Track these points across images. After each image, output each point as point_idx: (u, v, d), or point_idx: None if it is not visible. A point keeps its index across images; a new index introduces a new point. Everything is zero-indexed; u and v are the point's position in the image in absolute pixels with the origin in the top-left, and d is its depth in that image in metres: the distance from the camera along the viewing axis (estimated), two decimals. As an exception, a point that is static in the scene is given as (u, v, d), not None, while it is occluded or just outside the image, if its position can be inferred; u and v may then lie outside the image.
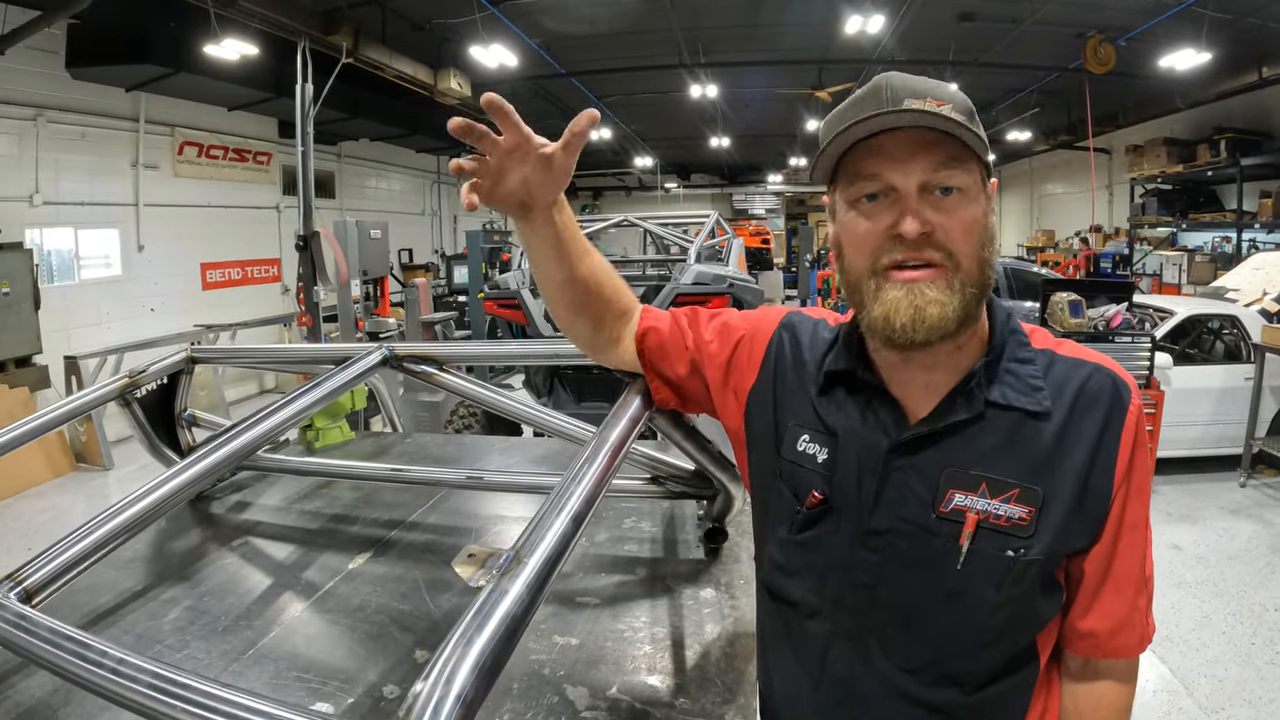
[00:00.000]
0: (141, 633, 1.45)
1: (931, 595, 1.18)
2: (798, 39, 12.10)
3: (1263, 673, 4.49)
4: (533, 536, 0.93)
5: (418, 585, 1.60)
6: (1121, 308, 7.41)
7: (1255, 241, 12.85)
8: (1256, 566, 5.83)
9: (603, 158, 23.64)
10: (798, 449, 1.30)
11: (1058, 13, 10.32)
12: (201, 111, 11.49)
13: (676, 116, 18.19)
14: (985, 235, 1.15)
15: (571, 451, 2.17)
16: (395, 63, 10.57)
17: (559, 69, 13.20)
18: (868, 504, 1.21)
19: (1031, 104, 14.74)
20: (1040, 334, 1.27)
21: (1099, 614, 1.21)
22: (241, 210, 12.50)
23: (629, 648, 1.41)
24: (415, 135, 15.81)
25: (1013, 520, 1.14)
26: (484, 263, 12.58)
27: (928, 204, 1.11)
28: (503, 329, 7.84)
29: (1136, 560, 1.21)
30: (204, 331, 10.48)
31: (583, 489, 1.06)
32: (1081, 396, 1.18)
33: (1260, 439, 7.33)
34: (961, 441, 1.18)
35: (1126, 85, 12.92)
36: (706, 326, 1.44)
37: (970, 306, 1.14)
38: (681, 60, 12.82)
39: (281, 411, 1.57)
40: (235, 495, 2.13)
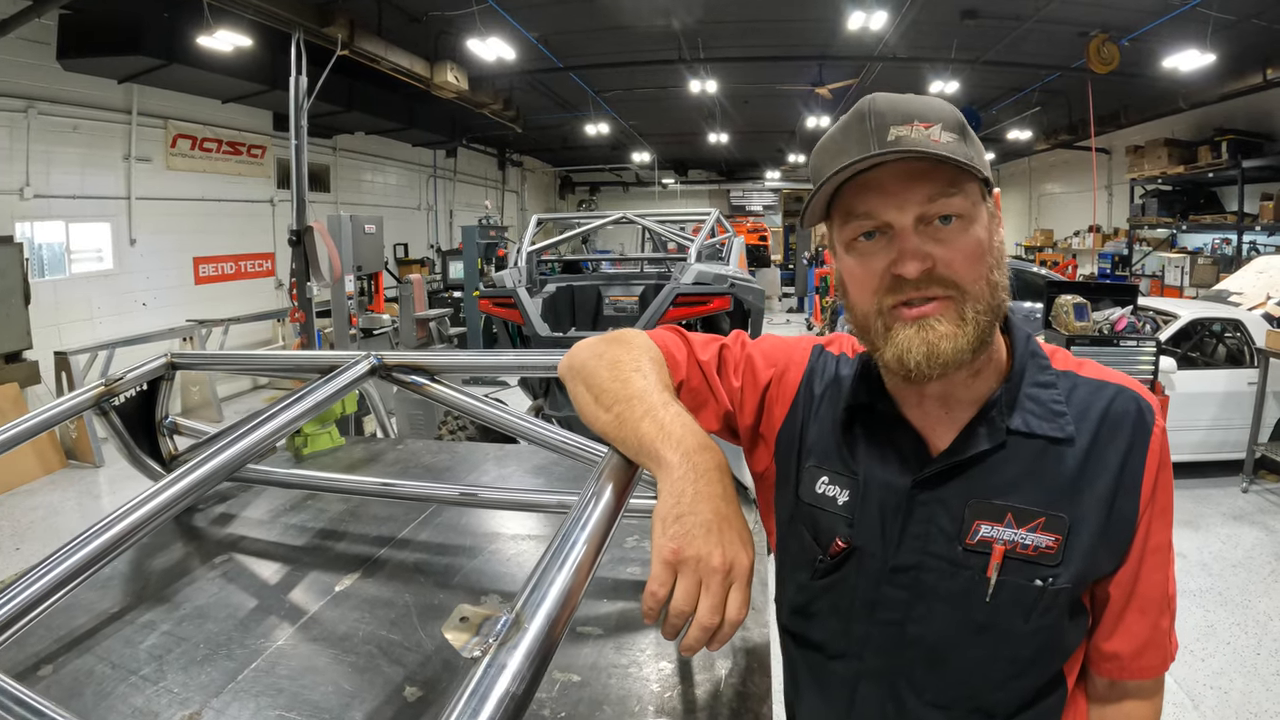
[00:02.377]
0: (117, 661, 1.36)
1: (961, 629, 1.16)
2: (799, 35, 12.02)
3: (1269, 684, 4.44)
4: (533, 595, 0.82)
5: (408, 611, 1.51)
6: (1126, 311, 7.39)
7: (1255, 244, 12.86)
8: (1261, 574, 5.80)
9: (600, 153, 23.59)
10: (817, 491, 1.26)
11: (1061, 11, 10.24)
12: (195, 104, 11.37)
13: (675, 112, 18.13)
14: (993, 257, 1.11)
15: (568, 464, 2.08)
16: (391, 55, 10.48)
17: (557, 63, 13.13)
18: (892, 541, 1.18)
19: (1033, 103, 14.69)
20: (1061, 354, 1.24)
21: (1123, 636, 1.21)
22: (235, 204, 12.37)
23: (634, 685, 1.31)
24: (412, 129, 15.76)
25: (1040, 549, 1.12)
26: (480, 258, 12.52)
27: (927, 236, 1.08)
28: (498, 327, 7.76)
29: (1160, 582, 1.20)
30: (196, 327, 10.41)
31: (588, 534, 0.95)
32: (1106, 420, 1.15)
33: (1263, 444, 7.33)
34: (985, 472, 1.15)
35: (1129, 85, 12.90)
36: (732, 370, 1.36)
37: (985, 333, 1.11)
38: (681, 55, 12.73)
39: (268, 424, 1.49)
40: (219, 507, 2.03)
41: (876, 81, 14.02)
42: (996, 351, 1.18)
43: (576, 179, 29.44)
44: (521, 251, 7.62)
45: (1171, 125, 14.51)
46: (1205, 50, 10.45)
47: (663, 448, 1.04)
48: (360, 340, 8.41)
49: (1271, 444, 7.39)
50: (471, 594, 1.59)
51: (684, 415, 1.10)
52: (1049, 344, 1.26)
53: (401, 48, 10.77)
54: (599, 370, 1.21)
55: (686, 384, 1.30)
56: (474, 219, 14.18)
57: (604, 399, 1.17)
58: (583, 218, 10.61)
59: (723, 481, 1.01)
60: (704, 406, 1.32)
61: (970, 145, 1.09)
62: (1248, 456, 7.41)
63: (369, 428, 6.76)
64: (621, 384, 1.17)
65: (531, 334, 6.91)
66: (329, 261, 8.00)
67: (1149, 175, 15.00)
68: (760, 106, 17.59)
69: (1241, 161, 12.55)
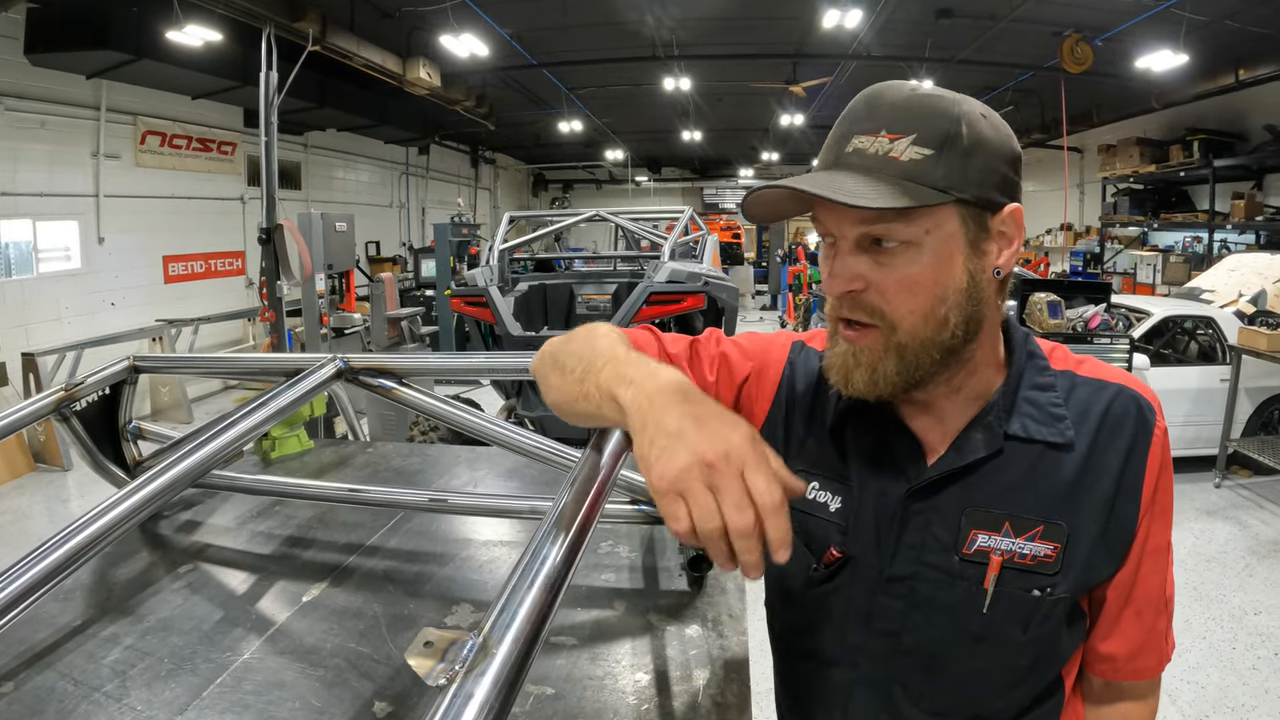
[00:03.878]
0: (80, 677, 1.31)
1: (958, 639, 1.14)
2: (774, 32, 12.05)
3: (1245, 678, 4.49)
4: (501, 616, 0.78)
5: (377, 622, 1.47)
6: (1100, 309, 7.46)
7: (1226, 242, 13.03)
8: (1235, 569, 5.86)
9: (574, 150, 23.55)
10: (807, 497, 1.21)
11: (1036, 11, 10.31)
12: (164, 100, 11.25)
13: (649, 109, 18.12)
14: (946, 291, 1.04)
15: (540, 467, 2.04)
16: (363, 51, 10.40)
17: (530, 60, 13.08)
18: (888, 550, 1.15)
19: (1006, 101, 14.74)
20: (1060, 353, 1.20)
21: (1120, 638, 1.20)
22: (205, 201, 12.24)
23: (610, 697, 1.28)
24: (384, 125, 15.70)
25: (1038, 558, 1.09)
26: (452, 256, 12.46)
27: (868, 257, 1.04)
28: (470, 326, 7.72)
29: (1158, 584, 1.18)
30: (165, 326, 10.29)
31: (559, 548, 0.91)
32: (1106, 422, 1.12)
33: (1236, 440, 7.42)
34: (981, 479, 1.11)
35: (1101, 85, 13.03)
36: (706, 364, 1.30)
37: (919, 368, 1.06)
38: (655, 53, 12.70)
39: (233, 429, 1.44)
40: (185, 514, 1.97)
41: (851, 80, 14.08)
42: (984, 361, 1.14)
43: (550, 176, 29.39)
44: (494, 250, 7.59)
45: (1144, 125, 14.65)
46: (1178, 51, 10.53)
47: (619, 389, 0.96)
48: (331, 340, 8.33)
49: (1244, 440, 7.48)
50: (442, 603, 1.55)
51: (646, 359, 1.02)
52: (1048, 341, 1.22)
53: (374, 43, 10.69)
54: (566, 348, 1.16)
55: None
56: (446, 217, 14.06)
57: (570, 365, 1.10)
58: (556, 215, 10.57)
59: (682, 390, 0.91)
60: None
61: (950, 159, 1.01)
62: (1220, 452, 7.50)
63: (340, 429, 6.70)
64: (589, 348, 1.10)
65: (504, 333, 6.87)
66: (299, 260, 7.91)
67: (1121, 174, 15.16)
68: (734, 104, 17.61)
69: (1213, 161, 12.70)
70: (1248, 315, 8.07)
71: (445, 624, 1.47)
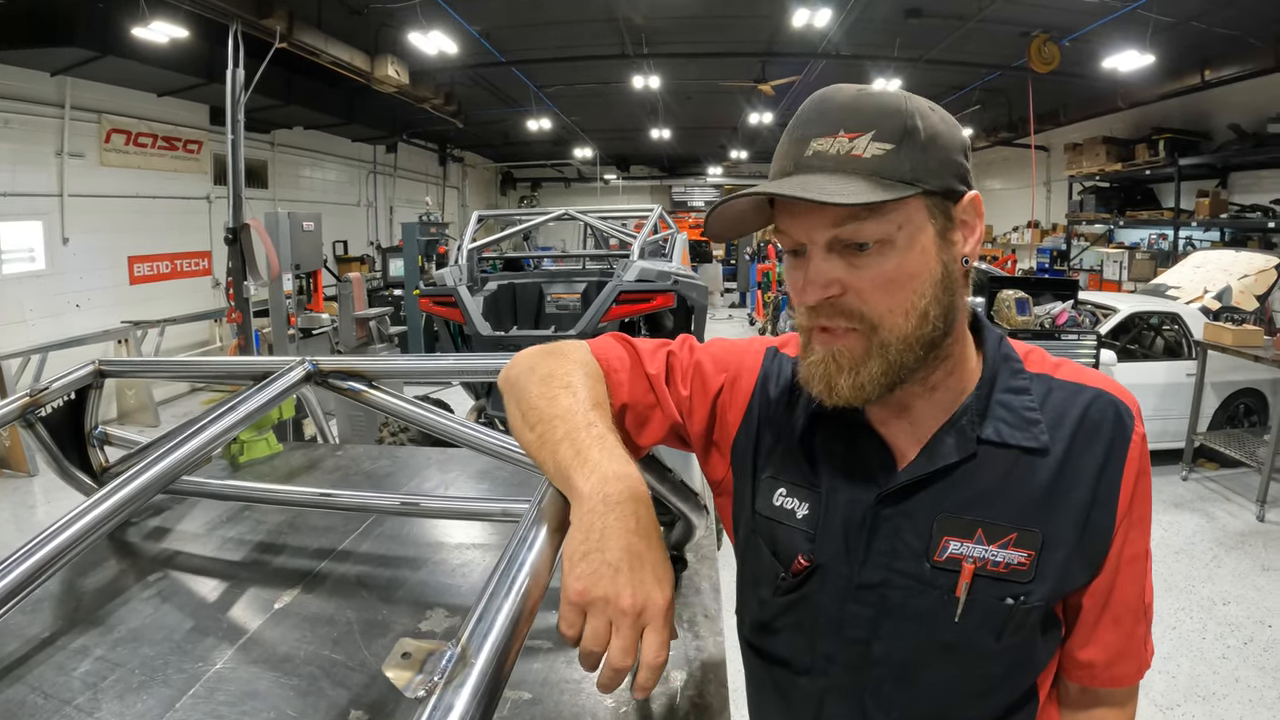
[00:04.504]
0: (50, 690, 1.29)
1: (929, 648, 1.10)
2: (743, 31, 12.07)
3: (1215, 667, 4.55)
4: (479, 625, 0.77)
5: (351, 628, 1.45)
6: (1067, 305, 7.52)
7: (1191, 239, 13.21)
8: (1203, 560, 5.94)
9: (542, 149, 23.50)
10: (774, 504, 1.20)
11: (1004, 11, 10.40)
12: (130, 97, 11.10)
13: (617, 108, 18.12)
14: (924, 284, 1.03)
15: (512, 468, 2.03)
16: (331, 48, 10.31)
17: (499, 57, 13.02)
18: (857, 558, 1.12)
19: (973, 100, 14.88)
20: (1036, 355, 1.18)
21: (1097, 645, 1.16)
22: (171, 201, 12.08)
23: (588, 700, 1.28)
24: (351, 123, 15.59)
25: (1011, 566, 1.06)
26: (420, 255, 12.39)
27: (842, 261, 1.01)
28: (439, 326, 7.67)
29: (1136, 591, 1.15)
30: (131, 328, 10.13)
31: (535, 555, 0.90)
32: (1082, 427, 1.09)
33: (1202, 434, 7.54)
34: (953, 484, 1.09)
35: (1068, 84, 13.17)
36: (680, 378, 1.28)
37: (903, 367, 1.05)
38: (624, 51, 12.69)
39: (201, 434, 1.43)
40: (153, 520, 1.95)
41: (820, 78, 14.09)
42: (960, 360, 1.13)
43: (518, 175, 29.29)
44: (462, 249, 7.54)
45: (1110, 124, 14.81)
46: (1145, 51, 10.65)
47: (575, 474, 0.96)
48: (299, 340, 8.25)
49: (1210, 433, 7.60)
50: (416, 608, 1.54)
51: (607, 438, 1.02)
52: (1024, 344, 1.20)
53: (341, 40, 10.59)
54: (530, 386, 1.14)
55: (630, 403, 1.23)
56: (414, 215, 13.99)
57: (530, 417, 1.10)
58: (524, 214, 10.52)
59: (637, 514, 0.93)
60: (649, 421, 1.25)
61: (910, 152, 1.00)
62: (1187, 446, 7.61)
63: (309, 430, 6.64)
64: (548, 402, 1.09)
65: (473, 333, 6.83)
66: (266, 260, 7.83)
67: (1087, 172, 15.31)
68: (703, 103, 17.62)
69: (1178, 159, 12.86)
70: (1213, 311, 8.20)
71: (420, 629, 1.46)
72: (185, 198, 12.42)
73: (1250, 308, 8.38)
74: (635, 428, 1.24)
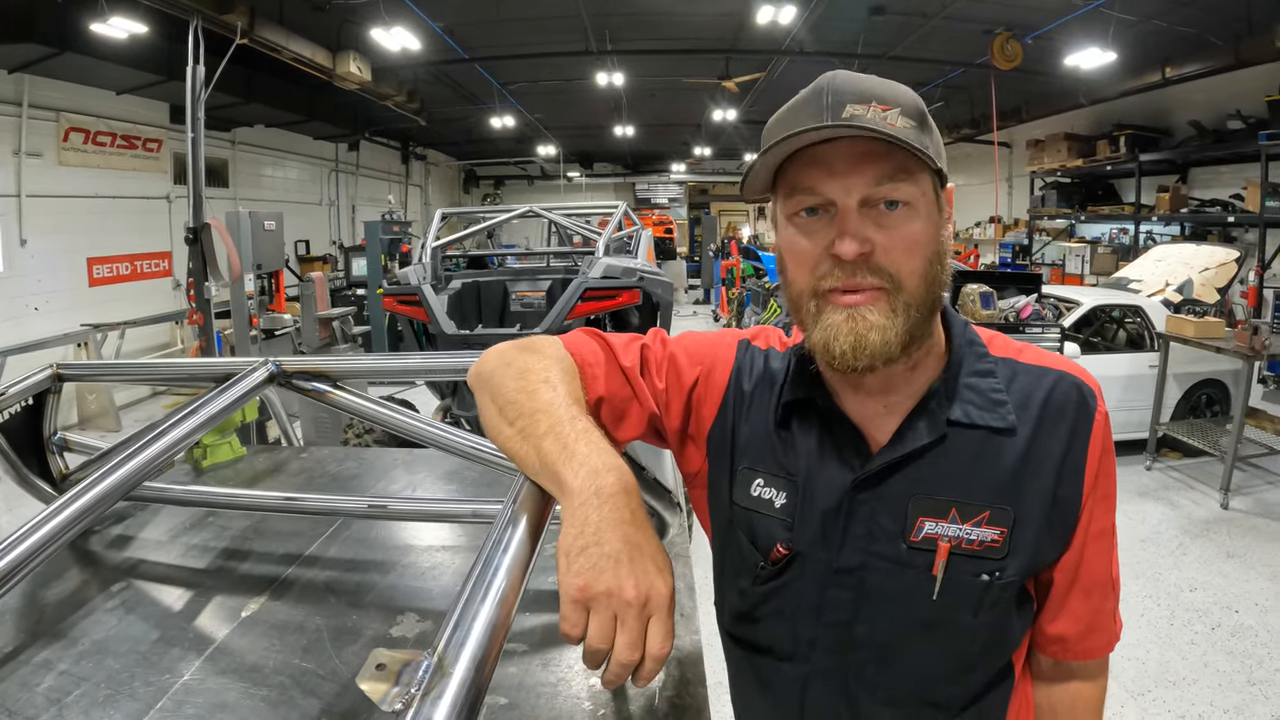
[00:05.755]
0: (14, 707, 1.24)
1: (909, 627, 1.15)
2: (707, 28, 12.09)
3: (1184, 653, 4.62)
4: (455, 633, 0.75)
5: (320, 636, 1.42)
6: (1031, 299, 7.61)
7: (1152, 233, 13.38)
8: (1169, 548, 6.04)
9: (506, 146, 23.43)
10: (752, 494, 1.22)
11: (967, 9, 10.50)
12: (88, 95, 10.88)
13: (581, 105, 18.09)
14: (934, 251, 1.08)
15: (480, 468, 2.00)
16: (292, 44, 10.19)
17: (462, 54, 12.94)
18: (835, 543, 1.15)
19: (936, 97, 14.96)
20: (999, 341, 1.21)
21: (1067, 619, 1.21)
22: (130, 201, 11.83)
23: (565, 704, 1.26)
24: (313, 121, 15.45)
25: (985, 543, 1.11)
26: (383, 254, 12.30)
27: (869, 220, 1.04)
28: (403, 326, 7.62)
29: (1104, 566, 1.21)
30: (91, 331, 9.94)
31: (509, 560, 0.88)
32: (1048, 408, 1.14)
33: (1165, 424, 7.68)
34: (926, 466, 1.12)
35: (1031, 81, 13.33)
36: (655, 371, 1.28)
37: (916, 328, 1.07)
38: (588, 47, 12.67)
39: (163, 439, 1.40)
40: (115, 528, 1.90)
41: (784, 76, 14.17)
42: (935, 342, 1.16)
43: (481, 172, 29.15)
44: (426, 247, 7.51)
45: (1071, 120, 14.98)
46: (1106, 49, 10.78)
47: (564, 469, 0.95)
48: (262, 341, 8.15)
49: (1173, 424, 7.73)
50: (386, 613, 1.51)
51: (591, 432, 1.02)
52: (987, 330, 1.24)
53: (303, 36, 10.48)
54: (506, 380, 1.13)
55: (607, 397, 1.22)
56: (377, 214, 13.86)
57: (508, 412, 1.08)
58: (488, 212, 10.47)
59: (630, 505, 0.93)
60: (626, 415, 1.25)
61: (928, 135, 1.05)
62: (1150, 436, 7.72)
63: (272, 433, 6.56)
64: (527, 396, 1.08)
65: (437, 332, 6.80)
66: (228, 260, 7.73)
67: (1049, 168, 15.51)
68: (667, 100, 17.64)
69: (1139, 155, 13.06)
70: (1175, 304, 8.34)
71: (391, 635, 1.44)
72: (145, 197, 12.18)
73: (1211, 300, 8.53)
74: (612, 422, 1.23)
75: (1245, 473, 7.41)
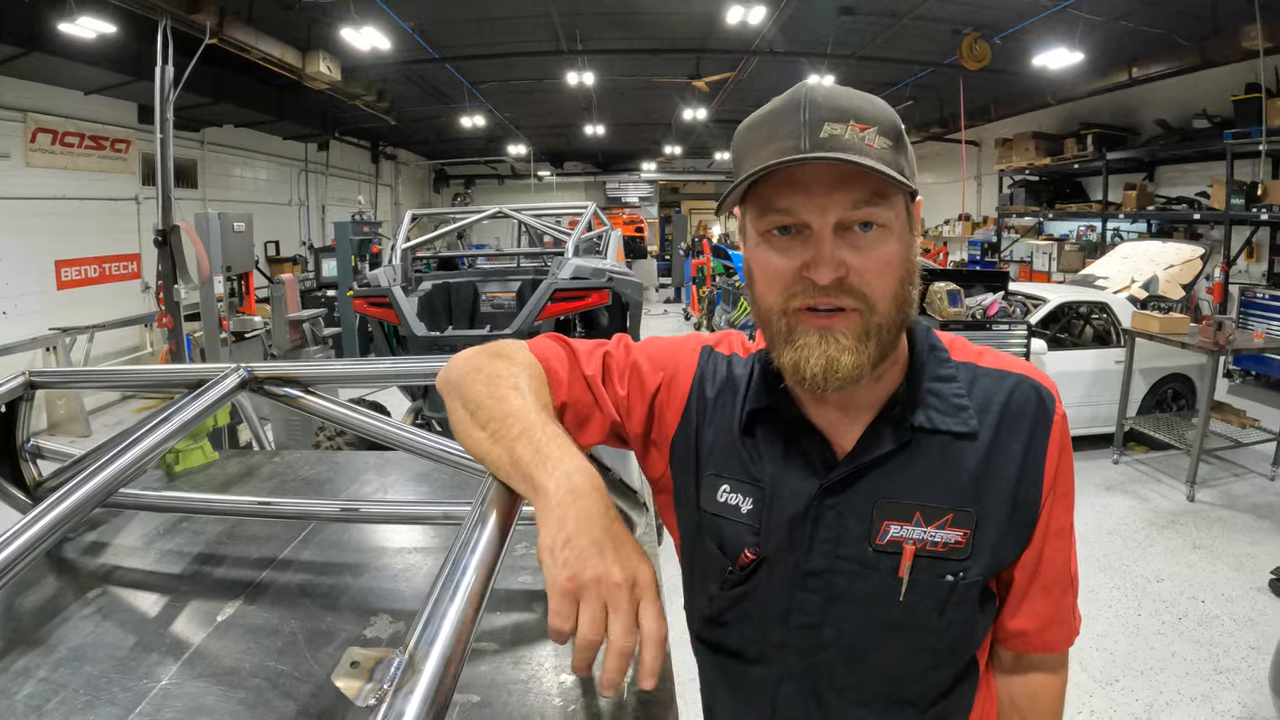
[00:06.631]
0: (-6, 717, 1.26)
1: (877, 628, 1.17)
2: (678, 27, 12.09)
3: (1151, 643, 4.71)
4: (426, 631, 0.78)
5: (296, 638, 1.44)
6: (998, 296, 7.67)
7: (1119, 231, 13.52)
8: (1136, 540, 6.15)
9: (476, 145, 23.35)
10: (718, 500, 1.24)
11: (936, 9, 10.59)
12: (56, 95, 10.75)
13: (551, 104, 18.10)
14: (906, 271, 1.09)
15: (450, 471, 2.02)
16: (262, 44, 10.12)
17: (433, 53, 12.89)
18: (802, 547, 1.17)
19: (905, 97, 15.04)
20: (960, 344, 1.24)
21: (1028, 614, 1.24)
22: (98, 202, 11.68)
23: (536, 700, 1.28)
24: (282, 121, 15.34)
25: (949, 545, 1.13)
26: (353, 255, 12.23)
27: (844, 242, 1.05)
28: (373, 328, 7.61)
29: (1063, 563, 1.23)
30: (59, 335, 9.80)
31: (477, 560, 0.91)
32: (1008, 411, 1.16)
33: (1131, 418, 7.81)
34: (891, 471, 1.14)
35: (999, 81, 13.42)
36: (617, 378, 1.30)
37: (887, 349, 1.09)
38: (559, 46, 12.66)
39: (138, 446, 1.41)
40: (90, 535, 1.90)
41: (754, 75, 14.22)
42: (900, 352, 1.18)
43: (451, 172, 29.00)
44: (396, 249, 7.49)
45: (1039, 119, 15.13)
46: (1074, 49, 10.90)
47: (538, 472, 0.98)
48: (232, 345, 8.10)
49: (1139, 418, 7.86)
50: (360, 615, 1.53)
51: (561, 436, 1.04)
52: (947, 334, 1.26)
53: (273, 36, 10.41)
54: (475, 385, 1.14)
55: (570, 403, 1.24)
56: (347, 215, 13.75)
57: (479, 416, 1.10)
58: (458, 213, 10.45)
59: (603, 501, 0.95)
60: (589, 421, 1.27)
61: (902, 153, 1.06)
62: (1117, 430, 7.84)
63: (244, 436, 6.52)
64: (498, 401, 1.10)
65: (408, 334, 6.80)
66: (197, 262, 7.69)
67: (1017, 166, 15.66)
68: (637, 99, 17.66)
69: (1106, 154, 13.22)
70: (1141, 300, 8.43)
71: (365, 636, 1.45)
72: (113, 199, 12.03)
73: (1176, 296, 8.62)
74: (575, 427, 1.25)
75: (1211, 465, 7.55)
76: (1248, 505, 6.78)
